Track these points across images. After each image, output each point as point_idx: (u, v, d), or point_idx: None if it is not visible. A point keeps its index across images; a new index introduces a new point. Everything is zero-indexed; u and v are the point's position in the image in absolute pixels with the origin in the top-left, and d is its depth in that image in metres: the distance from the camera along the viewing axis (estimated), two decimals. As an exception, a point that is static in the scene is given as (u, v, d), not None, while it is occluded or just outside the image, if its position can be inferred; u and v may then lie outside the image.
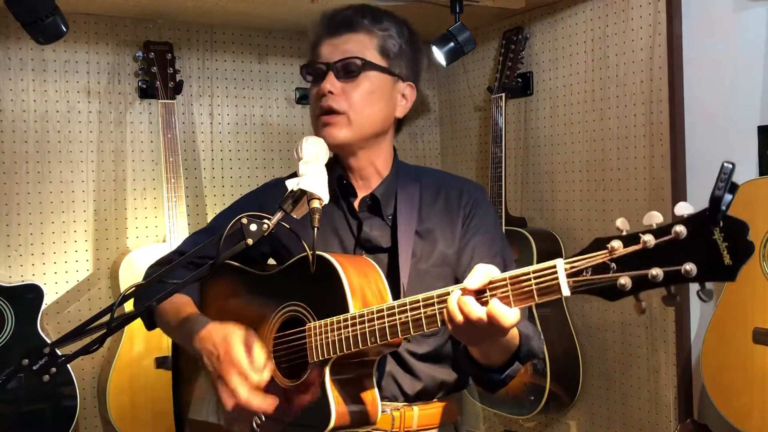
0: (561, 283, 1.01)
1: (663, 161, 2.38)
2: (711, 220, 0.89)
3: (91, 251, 2.65)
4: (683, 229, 0.90)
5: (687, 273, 0.90)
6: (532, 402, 2.68)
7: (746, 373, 2.04)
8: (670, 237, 0.91)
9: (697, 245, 0.90)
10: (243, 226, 1.21)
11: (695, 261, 0.90)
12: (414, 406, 1.44)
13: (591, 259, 0.97)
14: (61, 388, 2.38)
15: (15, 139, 2.53)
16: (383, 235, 1.49)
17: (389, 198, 1.51)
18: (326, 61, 1.44)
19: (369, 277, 1.35)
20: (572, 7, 2.72)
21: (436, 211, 1.51)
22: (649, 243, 0.92)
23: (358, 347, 1.26)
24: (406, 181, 1.53)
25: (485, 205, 1.54)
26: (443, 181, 1.57)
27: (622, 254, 0.94)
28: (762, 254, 2.01)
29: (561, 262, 1.01)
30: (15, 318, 2.34)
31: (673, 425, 2.39)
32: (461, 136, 3.31)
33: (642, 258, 0.93)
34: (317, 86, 1.45)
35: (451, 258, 1.48)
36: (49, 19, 1.95)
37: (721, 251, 0.89)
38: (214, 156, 2.89)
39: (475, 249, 1.48)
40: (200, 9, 2.61)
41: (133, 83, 2.71)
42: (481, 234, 1.49)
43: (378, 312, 1.24)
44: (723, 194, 0.88)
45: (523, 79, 2.89)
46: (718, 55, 2.28)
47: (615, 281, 0.95)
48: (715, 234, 0.89)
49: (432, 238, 1.48)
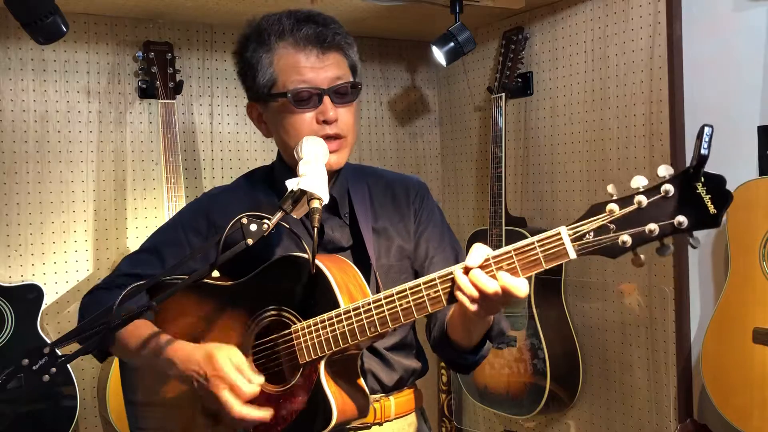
0: (567, 247, 1.09)
1: (663, 161, 2.38)
2: (695, 176, 1.02)
3: (91, 251, 2.65)
4: (670, 187, 1.03)
5: (679, 225, 1.02)
6: (532, 402, 2.68)
7: (746, 373, 2.04)
8: (660, 195, 1.03)
9: (684, 200, 1.03)
10: (243, 226, 1.21)
11: (685, 213, 1.02)
12: (390, 396, 1.49)
13: (592, 222, 1.08)
14: (61, 388, 2.38)
15: (15, 139, 2.53)
16: (343, 234, 1.50)
17: (343, 197, 1.52)
18: (319, 86, 1.41)
19: (348, 273, 1.37)
20: (572, 7, 2.72)
21: (387, 208, 1.54)
22: (643, 203, 1.04)
23: (356, 340, 1.27)
24: (354, 180, 1.55)
25: (430, 199, 1.60)
26: (387, 178, 1.61)
27: (620, 215, 1.06)
28: (762, 254, 2.01)
29: (564, 229, 1.10)
30: (15, 318, 2.34)
31: (673, 425, 2.40)
32: (461, 136, 3.31)
33: (637, 216, 1.05)
34: (310, 110, 1.41)
35: (409, 252, 1.53)
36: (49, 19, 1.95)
37: (705, 203, 1.02)
38: (214, 156, 2.89)
39: (429, 241, 1.54)
40: (200, 9, 2.61)
41: (133, 83, 2.71)
42: (431, 227, 1.55)
43: (376, 302, 1.26)
44: (707, 153, 1.01)
45: (523, 79, 2.89)
46: (718, 55, 2.28)
47: (617, 239, 1.06)
48: (699, 188, 1.02)
49: (387, 234, 1.52)
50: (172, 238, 1.54)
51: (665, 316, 2.42)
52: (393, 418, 1.49)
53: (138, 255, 1.57)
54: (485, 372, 2.86)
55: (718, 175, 1.02)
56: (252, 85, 1.46)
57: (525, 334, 2.70)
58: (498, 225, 2.73)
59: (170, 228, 1.58)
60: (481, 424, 3.21)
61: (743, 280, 2.06)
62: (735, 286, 2.09)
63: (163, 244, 1.54)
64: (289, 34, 1.40)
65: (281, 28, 1.41)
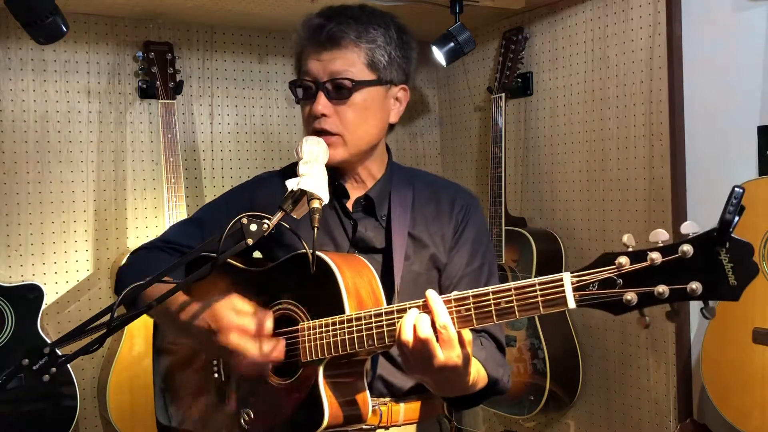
0: (567, 295, 1.03)
1: (663, 161, 2.38)
2: (718, 241, 0.92)
3: (91, 251, 2.65)
4: (690, 249, 0.93)
5: (692, 291, 0.93)
6: (532, 402, 2.68)
7: (746, 373, 2.04)
8: (677, 255, 0.94)
9: (702, 265, 0.93)
10: (243, 226, 1.21)
11: (701, 280, 0.93)
12: (401, 402, 1.46)
13: (598, 273, 1.00)
14: (61, 388, 2.38)
15: (15, 139, 2.53)
16: (377, 235, 1.48)
17: (383, 199, 1.50)
18: (315, 79, 1.41)
19: (363, 277, 1.35)
20: (572, 7, 2.72)
21: (428, 216, 1.51)
22: (656, 260, 0.95)
23: (354, 349, 1.25)
24: (400, 183, 1.53)
25: (477, 215, 1.55)
26: (436, 186, 1.58)
27: (629, 270, 0.97)
28: (762, 254, 2.01)
29: (568, 276, 1.04)
30: (15, 318, 2.34)
31: (673, 425, 2.40)
32: (461, 136, 3.31)
33: (648, 275, 0.96)
34: (308, 103, 1.43)
35: (440, 263, 1.49)
36: (49, 19, 1.95)
37: (726, 272, 0.92)
38: (214, 156, 2.89)
39: (463, 259, 1.49)
40: (200, 9, 2.61)
41: (133, 83, 2.72)
42: (470, 245, 1.50)
43: (377, 315, 1.23)
44: (733, 218, 0.91)
45: (522, 79, 2.89)
46: (718, 55, 2.28)
47: (621, 296, 0.98)
48: (721, 254, 0.92)
49: (423, 241, 1.48)
50: (215, 214, 1.57)
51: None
52: (401, 423, 1.45)
53: (183, 224, 1.63)
54: (485, 372, 2.86)
55: (745, 243, 0.92)
56: None
57: (525, 334, 2.70)
58: (498, 225, 2.73)
59: (217, 203, 1.62)
60: (481, 424, 3.21)
61: (743, 280, 2.06)
62: (735, 286, 2.09)
63: (207, 218, 1.58)
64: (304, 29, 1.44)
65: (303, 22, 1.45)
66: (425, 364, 1.16)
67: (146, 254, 1.57)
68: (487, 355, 1.39)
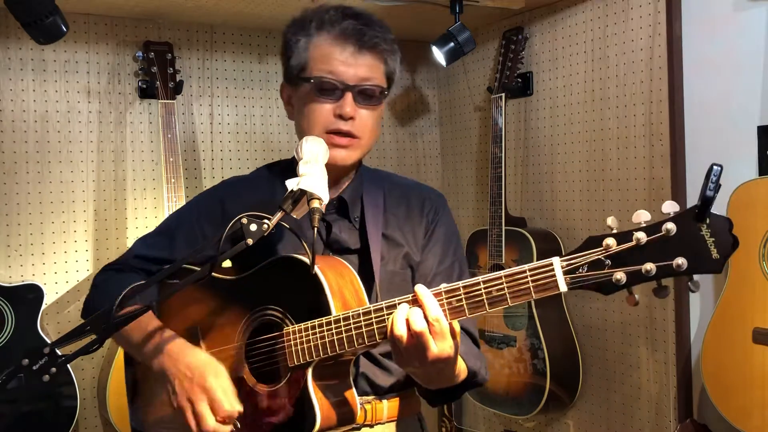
0: (558, 279, 1.05)
1: (663, 161, 2.38)
2: (699, 217, 0.97)
3: (91, 251, 2.65)
4: (673, 227, 0.98)
5: (678, 267, 0.98)
6: (532, 402, 2.68)
7: (746, 373, 2.04)
8: (660, 234, 0.99)
9: (686, 241, 0.98)
10: (243, 226, 1.21)
11: (685, 255, 0.98)
12: (384, 400, 1.47)
13: (587, 256, 1.04)
14: (61, 388, 2.38)
15: (15, 139, 2.53)
16: (351, 237, 1.49)
17: (356, 201, 1.51)
18: (345, 81, 1.40)
19: (345, 278, 1.35)
20: (572, 7, 2.72)
21: (400, 216, 1.53)
22: (642, 240, 0.99)
23: (344, 349, 1.25)
24: (371, 185, 1.54)
25: (446, 215, 1.58)
26: (405, 187, 1.60)
27: (617, 251, 1.01)
28: (762, 254, 2.01)
29: (557, 260, 1.06)
30: (15, 318, 2.34)
31: (673, 425, 2.39)
32: (461, 136, 3.31)
33: (635, 254, 1.00)
34: (331, 102, 1.41)
35: (414, 262, 1.52)
36: (49, 19, 1.96)
37: (708, 246, 0.97)
38: (214, 156, 2.89)
39: (435, 257, 1.52)
40: (200, 9, 2.61)
41: (133, 83, 2.72)
42: (442, 243, 1.53)
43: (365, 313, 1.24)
44: (714, 195, 0.95)
45: (522, 79, 2.89)
46: (718, 55, 2.28)
47: (610, 276, 1.02)
48: (703, 230, 0.97)
49: (397, 241, 1.51)
50: (185, 223, 1.55)
51: (665, 316, 2.42)
52: (385, 421, 1.47)
53: (150, 237, 1.59)
54: (485, 372, 2.86)
55: (724, 218, 0.98)
56: (287, 66, 1.47)
57: (525, 334, 2.70)
58: (498, 225, 2.73)
59: (185, 213, 1.59)
60: (481, 424, 3.21)
61: (743, 280, 2.06)
62: (735, 287, 2.09)
63: (176, 228, 1.55)
64: (330, 25, 1.41)
65: (325, 17, 1.42)
66: (420, 357, 1.17)
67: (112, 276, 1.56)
68: (466, 349, 1.41)
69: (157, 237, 1.58)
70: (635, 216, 1.01)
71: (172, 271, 1.29)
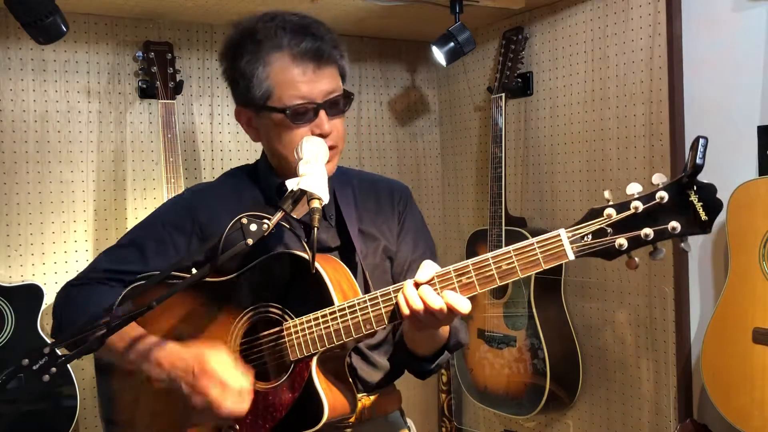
0: (566, 248, 1.15)
1: (663, 161, 2.38)
2: (688, 185, 1.09)
3: (91, 251, 2.65)
4: (665, 194, 1.10)
5: (673, 229, 1.10)
6: (531, 402, 2.68)
7: (746, 372, 2.04)
8: (655, 202, 1.11)
9: (677, 206, 1.10)
10: (243, 226, 1.21)
11: (678, 219, 1.10)
12: (371, 396, 1.50)
13: (590, 225, 1.14)
14: (61, 388, 2.38)
15: (15, 139, 2.53)
16: (330, 235, 1.51)
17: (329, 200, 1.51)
18: (314, 101, 1.39)
19: (339, 272, 1.38)
20: (572, 7, 2.72)
21: (371, 210, 1.56)
22: (639, 208, 1.11)
23: (351, 336, 1.28)
24: (340, 182, 1.55)
25: (413, 204, 1.64)
26: (371, 180, 1.63)
27: (617, 219, 1.13)
28: (762, 254, 2.01)
29: (563, 231, 1.15)
30: (15, 318, 2.34)
31: (673, 425, 2.40)
32: (461, 136, 3.31)
33: (634, 221, 1.12)
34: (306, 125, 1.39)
35: (392, 253, 1.55)
36: (49, 19, 1.96)
37: (698, 209, 1.10)
38: (214, 156, 2.89)
39: (409, 245, 1.57)
40: (200, 9, 2.61)
41: (133, 83, 2.72)
42: (413, 232, 1.59)
43: (372, 299, 1.27)
44: (702, 163, 1.08)
45: (523, 79, 2.89)
46: (718, 55, 2.29)
47: (613, 242, 1.13)
48: (691, 196, 1.10)
49: (374, 235, 1.53)
50: (154, 234, 1.50)
51: (665, 317, 2.42)
52: (373, 417, 1.50)
53: (117, 251, 1.52)
54: (485, 372, 2.86)
55: (709, 184, 1.10)
56: (246, 93, 1.43)
57: (525, 334, 2.70)
58: (498, 225, 2.73)
59: (151, 224, 1.54)
60: (481, 424, 3.21)
61: (743, 280, 2.06)
62: (735, 286, 2.09)
63: (145, 239, 1.50)
64: (287, 48, 1.38)
65: (278, 41, 1.38)
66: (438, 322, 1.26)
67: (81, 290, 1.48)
68: None
69: (124, 250, 1.51)
70: (629, 188, 1.13)
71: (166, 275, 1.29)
